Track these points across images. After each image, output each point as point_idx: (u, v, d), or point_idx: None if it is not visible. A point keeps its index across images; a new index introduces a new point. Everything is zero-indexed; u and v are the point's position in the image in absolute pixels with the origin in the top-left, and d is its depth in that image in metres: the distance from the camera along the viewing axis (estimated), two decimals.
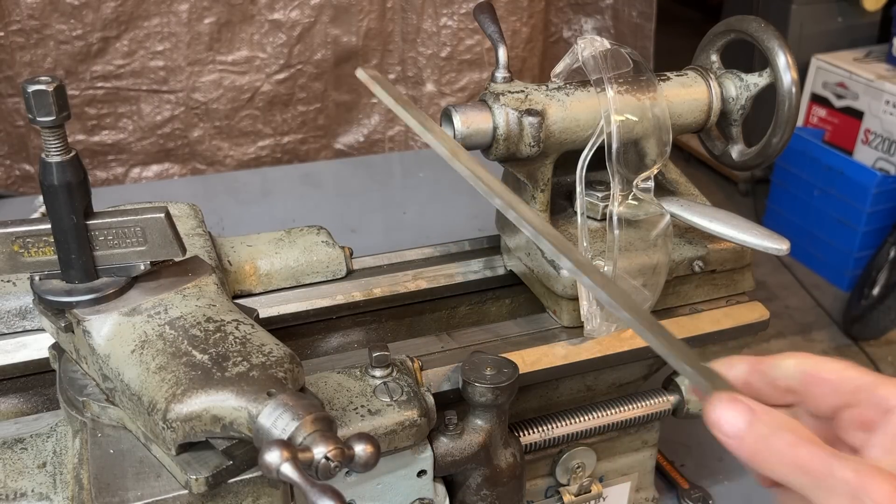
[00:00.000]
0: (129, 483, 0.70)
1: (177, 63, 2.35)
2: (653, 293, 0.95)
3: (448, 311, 1.09)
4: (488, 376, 0.86)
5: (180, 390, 0.67)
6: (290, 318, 1.00)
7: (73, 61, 2.26)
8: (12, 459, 0.79)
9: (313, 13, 2.41)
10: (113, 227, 0.73)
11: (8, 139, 2.33)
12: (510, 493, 0.93)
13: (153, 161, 2.47)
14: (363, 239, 1.75)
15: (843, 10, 3.79)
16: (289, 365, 0.71)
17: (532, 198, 0.98)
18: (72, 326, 0.75)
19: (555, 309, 1.01)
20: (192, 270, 0.80)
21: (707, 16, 5.27)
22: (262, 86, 2.45)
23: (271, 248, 1.02)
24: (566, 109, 0.92)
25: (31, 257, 0.73)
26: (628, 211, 0.92)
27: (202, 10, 2.32)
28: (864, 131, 3.58)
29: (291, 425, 0.63)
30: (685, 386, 1.07)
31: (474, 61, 2.56)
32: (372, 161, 2.46)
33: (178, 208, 0.99)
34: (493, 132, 0.90)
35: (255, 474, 0.72)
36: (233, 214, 1.91)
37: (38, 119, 0.67)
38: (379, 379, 0.84)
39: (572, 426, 1.01)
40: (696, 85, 0.99)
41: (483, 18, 0.96)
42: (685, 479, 1.27)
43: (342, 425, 0.78)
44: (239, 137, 2.50)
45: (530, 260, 1.01)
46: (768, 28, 0.98)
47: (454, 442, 0.87)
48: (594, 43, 0.93)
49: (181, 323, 0.74)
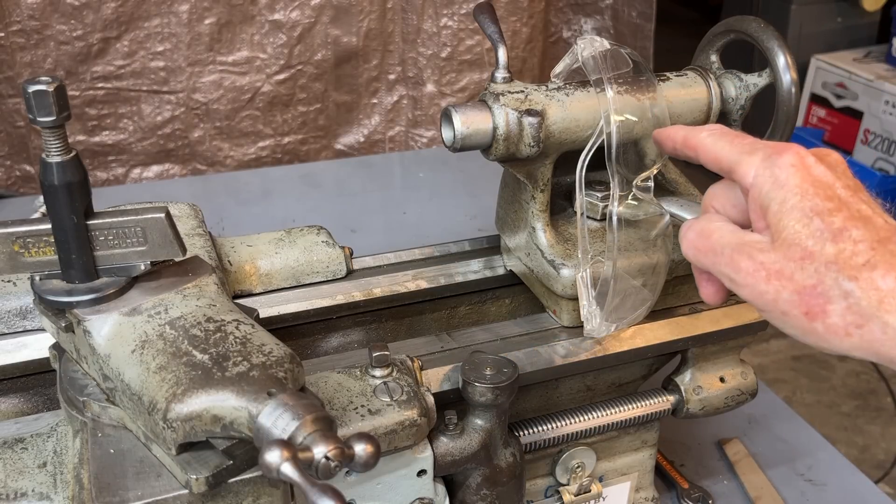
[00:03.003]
0: (129, 483, 0.70)
1: (177, 63, 2.35)
2: (653, 293, 0.95)
3: (448, 311, 1.09)
4: (488, 376, 0.87)
5: (180, 390, 0.67)
6: (291, 318, 1.00)
7: (73, 62, 2.26)
8: (13, 459, 0.79)
9: (314, 14, 2.41)
10: (113, 227, 0.73)
11: (8, 139, 2.33)
12: (510, 493, 0.93)
13: (153, 161, 2.47)
14: (363, 239, 1.75)
15: (842, 11, 3.79)
16: (289, 365, 0.71)
17: (532, 198, 0.98)
18: (72, 326, 0.75)
19: (555, 309, 1.01)
20: (192, 270, 0.80)
21: (707, 16, 5.28)
22: (263, 86, 2.45)
23: (271, 248, 1.02)
24: (566, 110, 0.92)
25: (32, 257, 0.73)
26: (628, 211, 0.92)
27: (202, 11, 2.32)
28: (864, 131, 3.58)
29: (292, 425, 0.63)
30: (685, 386, 1.07)
31: (474, 61, 2.56)
32: (372, 161, 2.46)
33: (178, 208, 0.99)
34: (492, 132, 0.90)
35: (255, 474, 0.72)
36: (233, 214, 1.92)
37: (38, 119, 0.68)
38: (379, 379, 0.84)
39: (572, 426, 1.01)
40: (696, 85, 1.00)
41: (483, 19, 0.96)
42: (685, 479, 1.28)
43: (342, 425, 0.79)
44: (239, 138, 2.50)
45: (530, 260, 1.01)
46: (768, 28, 0.98)
47: (454, 442, 0.87)
48: (594, 43, 0.93)
49: (181, 323, 0.74)
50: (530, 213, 0.99)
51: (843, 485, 1.31)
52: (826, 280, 0.63)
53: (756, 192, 0.69)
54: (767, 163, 0.68)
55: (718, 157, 0.74)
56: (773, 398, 1.48)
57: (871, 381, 3.34)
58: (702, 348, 1.06)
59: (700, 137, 0.77)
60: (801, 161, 0.67)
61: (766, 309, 0.67)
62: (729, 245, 0.70)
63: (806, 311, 0.64)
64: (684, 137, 0.79)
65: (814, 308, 0.64)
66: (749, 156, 0.70)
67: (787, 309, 0.65)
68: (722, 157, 0.74)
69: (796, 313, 0.65)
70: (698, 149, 0.77)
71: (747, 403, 1.11)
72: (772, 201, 0.67)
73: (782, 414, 1.45)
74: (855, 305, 0.62)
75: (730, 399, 1.09)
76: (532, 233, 0.99)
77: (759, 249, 0.67)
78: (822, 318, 0.63)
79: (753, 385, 1.10)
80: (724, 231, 0.72)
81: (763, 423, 1.42)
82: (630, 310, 0.95)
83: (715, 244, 0.71)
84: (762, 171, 0.69)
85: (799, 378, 3.34)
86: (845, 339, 0.63)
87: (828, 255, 0.63)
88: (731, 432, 1.39)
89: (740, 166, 0.71)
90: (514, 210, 1.02)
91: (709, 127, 0.78)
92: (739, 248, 0.69)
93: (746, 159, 0.70)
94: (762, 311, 0.68)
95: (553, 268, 0.97)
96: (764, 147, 0.71)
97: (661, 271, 0.95)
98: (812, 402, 3.23)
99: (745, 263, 0.68)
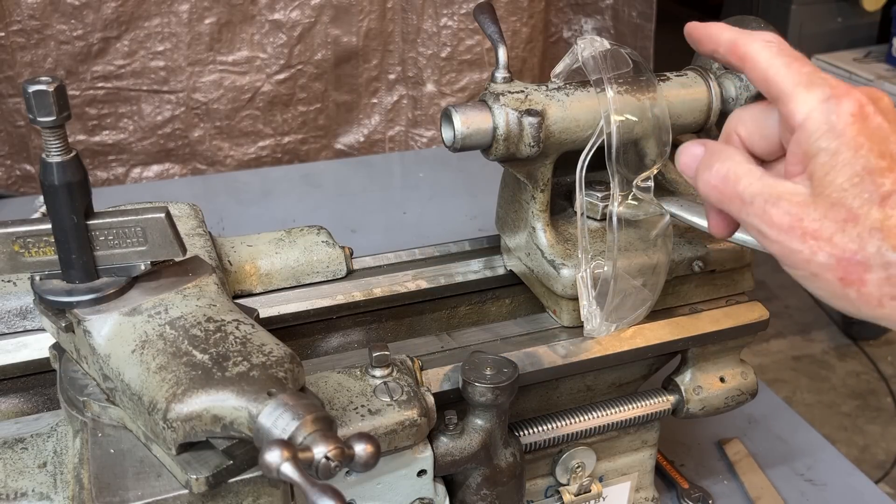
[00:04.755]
0: (129, 483, 0.70)
1: (177, 63, 2.35)
2: (653, 293, 0.95)
3: (448, 311, 1.09)
4: (488, 376, 0.87)
5: (181, 390, 0.67)
6: (291, 318, 1.00)
7: (73, 61, 2.26)
8: (13, 459, 0.79)
9: (314, 13, 2.41)
10: (113, 227, 0.73)
11: (9, 139, 2.33)
12: (510, 493, 0.93)
13: (154, 161, 2.47)
14: (363, 239, 1.75)
15: (842, 11, 3.79)
16: (289, 365, 0.71)
17: (532, 198, 0.98)
18: (72, 326, 0.75)
19: (555, 309, 1.01)
20: (192, 270, 0.80)
21: (707, 16, 5.28)
22: (263, 86, 2.44)
23: (271, 248, 1.02)
24: (566, 110, 0.92)
25: (32, 257, 0.73)
26: (628, 211, 0.92)
27: (202, 11, 2.31)
28: None
29: (292, 425, 0.63)
30: (685, 386, 1.07)
31: (474, 61, 2.56)
32: (372, 161, 2.47)
33: (178, 208, 0.99)
34: (492, 132, 0.90)
35: (255, 474, 0.72)
36: (233, 214, 1.92)
37: (38, 119, 0.67)
38: (379, 379, 0.84)
39: (572, 426, 1.01)
40: (696, 85, 1.00)
41: (483, 19, 0.96)
42: (685, 478, 1.28)
43: (342, 425, 0.79)
44: (239, 137, 2.50)
45: (530, 260, 1.01)
46: (768, 28, 0.98)
47: (454, 442, 0.87)
48: (594, 43, 0.93)
49: (181, 323, 0.74)
50: (530, 213, 0.99)
51: (843, 485, 1.31)
52: (868, 247, 0.59)
53: (805, 135, 0.62)
54: (826, 106, 0.62)
55: (770, 78, 0.66)
56: (773, 398, 1.48)
57: (871, 381, 3.34)
58: (702, 348, 1.06)
59: (753, 48, 0.68)
60: (860, 110, 0.61)
61: (795, 267, 0.63)
62: (761, 195, 0.64)
63: (841, 277, 0.60)
64: (732, 42, 0.70)
65: (851, 275, 0.60)
66: (806, 90, 0.63)
67: (820, 272, 0.61)
68: (774, 81, 0.66)
69: (830, 277, 0.61)
70: (747, 60, 0.69)
71: (747, 403, 1.11)
72: (821, 151, 0.61)
73: (782, 414, 1.45)
74: (894, 277, 0.59)
75: (730, 399, 1.09)
76: (532, 233, 0.99)
77: (797, 203, 0.62)
78: (858, 286, 0.60)
79: (753, 385, 1.10)
80: (754, 177, 0.65)
81: (763, 423, 1.42)
82: (630, 310, 0.95)
83: (743, 192, 0.65)
84: (818, 115, 0.62)
85: (799, 378, 3.34)
86: (877, 309, 0.60)
87: (873, 220, 0.59)
88: (731, 432, 1.39)
89: (792, 100, 0.64)
90: (514, 210, 1.02)
91: (765, 36, 0.69)
92: (774, 199, 0.63)
93: (802, 94, 0.63)
94: (789, 267, 0.64)
95: (553, 268, 0.97)
96: (823, 83, 0.63)
97: (661, 271, 0.95)
98: (812, 402, 3.23)
99: (779, 218, 0.62)
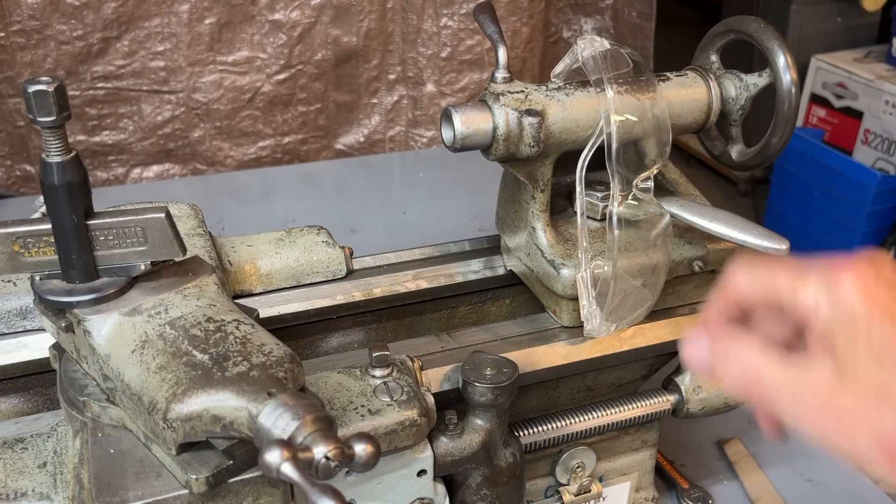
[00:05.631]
0: (129, 483, 0.70)
1: (177, 63, 2.35)
2: (653, 293, 0.95)
3: (448, 311, 1.09)
4: (488, 376, 0.87)
5: (181, 390, 0.67)
6: (291, 318, 1.00)
7: (73, 62, 2.26)
8: (13, 459, 0.79)
9: (314, 13, 2.41)
10: (113, 227, 0.73)
11: (9, 139, 2.33)
12: (510, 493, 0.93)
13: (154, 161, 2.47)
14: (363, 239, 1.75)
15: (842, 11, 3.79)
16: (289, 365, 0.71)
17: (532, 198, 0.98)
18: (72, 326, 0.75)
19: (555, 309, 1.01)
20: (192, 270, 0.80)
21: (707, 16, 5.27)
22: (263, 86, 2.45)
23: (271, 248, 1.02)
24: (566, 110, 0.92)
25: (32, 257, 0.73)
26: (628, 211, 0.92)
27: (203, 11, 2.32)
28: (864, 131, 3.58)
29: (292, 425, 0.63)
30: (685, 386, 1.07)
31: (474, 61, 2.56)
32: (372, 161, 2.47)
33: (178, 208, 0.99)
34: (492, 132, 0.90)
35: (255, 474, 0.72)
36: (233, 214, 1.92)
37: (38, 119, 0.68)
38: (379, 379, 0.84)
39: (572, 426, 1.01)
40: (696, 85, 1.00)
41: (483, 19, 0.96)
42: (685, 478, 1.28)
43: (342, 425, 0.79)
44: (239, 138, 2.50)
45: (530, 260, 1.01)
46: (768, 28, 0.98)
47: (454, 442, 0.87)
48: (594, 43, 0.93)
49: (181, 323, 0.74)
50: (530, 213, 0.99)
51: (843, 485, 1.31)
52: None
53: (818, 322, 0.61)
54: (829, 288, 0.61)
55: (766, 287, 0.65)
56: None
57: None
58: None
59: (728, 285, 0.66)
60: (864, 283, 0.60)
61: (840, 451, 0.61)
62: (788, 382, 0.62)
63: (887, 456, 0.59)
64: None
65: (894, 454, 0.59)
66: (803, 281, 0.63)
67: (865, 452, 0.60)
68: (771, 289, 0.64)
69: (876, 458, 0.60)
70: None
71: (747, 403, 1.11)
72: (836, 331, 0.60)
73: None
74: None
75: (730, 399, 1.09)
76: (532, 233, 0.99)
77: (827, 389, 0.60)
78: None
79: None
80: (773, 365, 0.63)
81: None
82: (630, 310, 0.95)
83: (769, 382, 0.63)
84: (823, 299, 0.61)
85: None
86: None
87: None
88: (731, 432, 1.39)
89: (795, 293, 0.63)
90: (514, 210, 1.02)
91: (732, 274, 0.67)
92: (802, 387, 0.61)
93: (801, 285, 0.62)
94: (834, 452, 0.62)
95: (553, 268, 0.97)
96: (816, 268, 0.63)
97: (661, 271, 0.95)
98: None
99: (811, 405, 0.61)
